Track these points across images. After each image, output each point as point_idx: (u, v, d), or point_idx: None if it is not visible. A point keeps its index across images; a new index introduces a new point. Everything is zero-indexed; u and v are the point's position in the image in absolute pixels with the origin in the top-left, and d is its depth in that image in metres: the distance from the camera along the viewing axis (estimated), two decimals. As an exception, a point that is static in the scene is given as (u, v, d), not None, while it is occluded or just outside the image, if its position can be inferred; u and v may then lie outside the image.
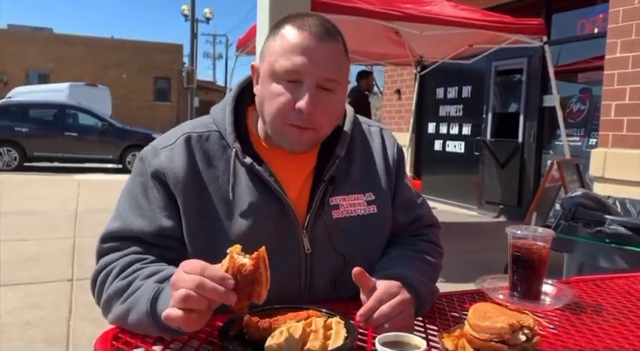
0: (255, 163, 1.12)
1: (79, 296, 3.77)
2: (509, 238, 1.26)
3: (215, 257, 0.91)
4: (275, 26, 1.14)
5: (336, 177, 1.18)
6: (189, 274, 0.86)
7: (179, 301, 0.84)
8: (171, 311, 0.85)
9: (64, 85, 17.49)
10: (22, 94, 16.21)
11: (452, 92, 8.66)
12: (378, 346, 0.84)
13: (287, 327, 0.90)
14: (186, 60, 29.71)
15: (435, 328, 1.07)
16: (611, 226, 2.20)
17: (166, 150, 1.13)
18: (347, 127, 1.24)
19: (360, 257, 1.15)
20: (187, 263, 0.89)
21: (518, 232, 1.25)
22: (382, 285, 1.01)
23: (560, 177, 4.47)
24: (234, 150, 1.12)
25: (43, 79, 24.47)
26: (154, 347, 0.94)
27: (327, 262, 1.16)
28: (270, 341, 0.90)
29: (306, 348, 0.86)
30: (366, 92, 7.52)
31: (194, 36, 13.92)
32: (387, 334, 0.88)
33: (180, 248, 1.09)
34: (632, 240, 2.18)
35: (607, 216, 2.31)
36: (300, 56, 1.05)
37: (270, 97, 1.08)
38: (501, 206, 7.67)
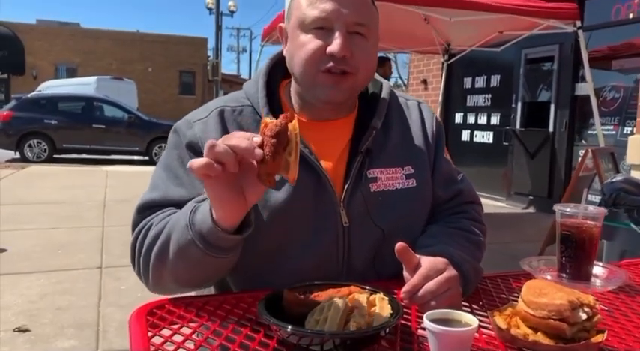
0: None
1: (108, 283, 3.79)
2: (557, 216, 1.19)
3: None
4: None
5: (372, 149, 1.14)
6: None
7: (206, 150, 0.81)
8: (194, 160, 0.82)
9: (92, 79, 17.74)
10: (51, 87, 16.47)
11: (480, 81, 8.50)
12: (426, 322, 0.79)
13: (329, 303, 0.86)
14: (210, 53, 29.90)
15: (481, 309, 1.01)
16: (655, 212, 2.11)
17: (200, 123, 1.11)
18: (384, 96, 1.19)
19: (399, 232, 1.10)
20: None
21: (568, 210, 1.19)
22: (428, 261, 0.96)
23: (595, 166, 4.35)
24: None
25: (71, 72, 24.88)
26: (191, 324, 0.91)
27: (365, 237, 1.12)
28: (310, 317, 0.86)
29: (349, 324, 0.81)
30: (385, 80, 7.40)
31: (218, 29, 13.94)
32: (435, 310, 0.83)
33: None
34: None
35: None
36: (328, 2, 1.03)
37: (300, 48, 1.05)
38: (531, 197, 7.51)
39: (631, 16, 6.05)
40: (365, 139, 1.13)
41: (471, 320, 0.80)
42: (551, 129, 7.11)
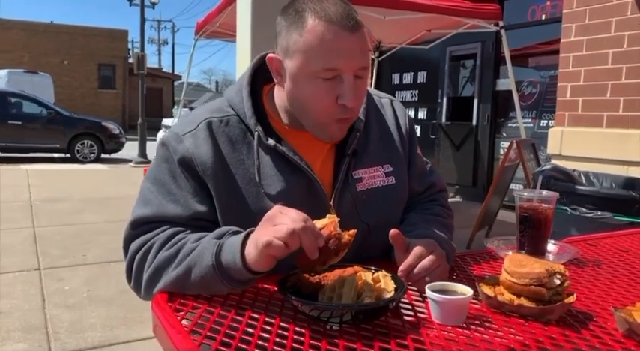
0: (278, 144, 1.14)
1: (51, 284, 3.68)
2: (516, 199, 1.35)
3: None
4: (290, 11, 1.09)
5: (358, 150, 1.23)
6: (291, 214, 0.91)
7: (285, 234, 0.88)
8: (273, 240, 0.89)
9: (3, 72, 16.73)
10: (-42, 81, 15.34)
11: (408, 78, 8.84)
12: (429, 292, 0.92)
13: (340, 281, 0.96)
14: (130, 46, 28.84)
15: (458, 281, 1.15)
16: (581, 197, 2.37)
17: (189, 136, 1.13)
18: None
19: (382, 225, 1.21)
20: (287, 208, 0.94)
21: (525, 194, 1.35)
22: (419, 242, 1.08)
23: (518, 156, 4.69)
24: (256, 133, 1.14)
25: (-22, 65, 23.19)
26: (209, 307, 0.98)
27: None
28: (322, 295, 0.96)
29: (361, 298, 0.92)
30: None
31: (143, 21, 13.53)
32: (435, 283, 0.95)
33: (213, 229, 1.09)
34: (602, 208, 2.35)
35: (578, 187, 2.48)
36: (337, 55, 1.04)
37: (310, 98, 1.08)
38: (457, 187, 7.94)
39: (543, 17, 6.52)
40: (351, 141, 1.21)
41: (466, 290, 0.94)
42: (474, 122, 7.54)
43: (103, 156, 12.80)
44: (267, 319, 0.92)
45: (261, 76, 1.23)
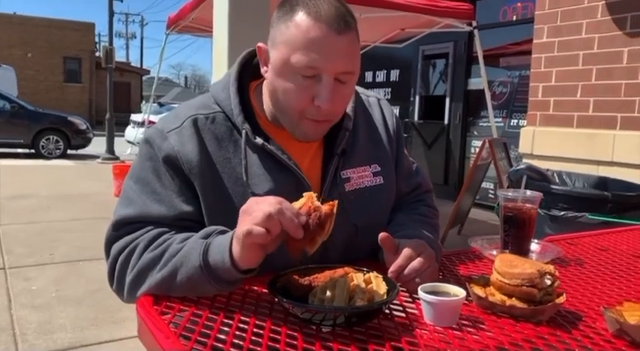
0: (265, 143, 1.12)
1: (17, 284, 3.57)
2: (500, 199, 1.36)
3: None
4: (285, 4, 1.07)
5: (346, 150, 1.21)
6: (266, 200, 0.90)
7: (262, 219, 0.86)
8: (253, 227, 0.87)
9: (-37, 64, 16.13)
10: None
11: (380, 76, 8.88)
12: (422, 294, 0.91)
13: (332, 283, 0.94)
14: (97, 39, 28.24)
15: (444, 280, 1.15)
16: (556, 196, 2.40)
17: (174, 133, 1.10)
18: (351, 99, 1.27)
19: (370, 225, 1.20)
20: (262, 197, 0.93)
21: (510, 194, 1.36)
22: (409, 244, 1.07)
23: (491, 154, 4.76)
24: (244, 131, 1.12)
25: (-64, 57, 22.36)
26: (196, 311, 0.95)
27: (341, 233, 1.18)
28: (313, 297, 0.94)
29: (354, 301, 0.90)
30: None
31: (111, 14, 13.23)
32: (427, 284, 0.94)
33: (199, 229, 1.06)
34: (576, 208, 2.40)
35: (553, 186, 2.52)
36: (319, 53, 1.01)
37: (286, 92, 1.06)
38: (429, 185, 8.00)
39: (514, 17, 6.63)
40: (340, 140, 1.19)
41: (458, 291, 0.93)
42: (446, 121, 7.62)
43: (69, 152, 12.50)
44: (257, 321, 0.89)
45: (248, 72, 1.21)
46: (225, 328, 0.86)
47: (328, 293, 0.93)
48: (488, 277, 1.03)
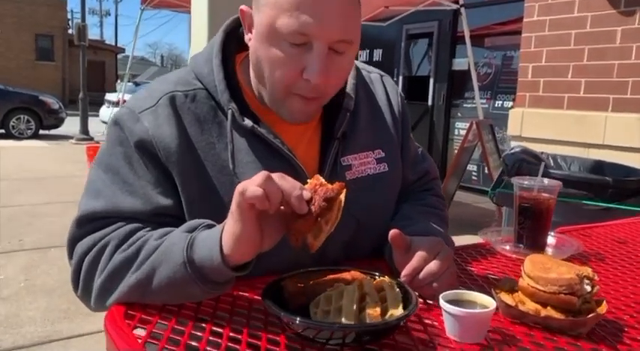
0: (255, 125, 0.96)
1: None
2: (515, 188, 1.23)
3: None
4: None
5: (347, 133, 1.06)
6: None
7: (260, 180, 0.73)
8: (248, 186, 0.73)
9: None
10: None
11: (363, 55, 8.69)
12: (445, 305, 0.77)
13: (337, 291, 0.80)
14: (70, 16, 27.42)
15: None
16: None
17: (148, 114, 0.94)
18: (352, 73, 1.12)
19: (373, 218, 1.07)
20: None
21: (525, 182, 1.23)
22: (423, 242, 0.93)
23: (478, 136, 4.65)
24: (229, 111, 0.96)
25: None
26: (178, 326, 0.80)
27: (340, 227, 1.05)
28: (315, 308, 0.80)
29: (364, 313, 0.76)
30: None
31: (84, -11, 12.74)
32: (448, 292, 0.81)
33: (179, 225, 0.90)
34: (574, 193, 2.29)
35: (551, 170, 2.41)
36: (310, 15, 0.85)
37: (271, 62, 0.90)
38: (411, 167, 7.91)
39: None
40: (339, 123, 1.04)
41: (486, 300, 0.80)
42: (430, 102, 7.50)
43: (41, 132, 12.12)
44: (250, 339, 0.75)
45: (234, 43, 1.04)
46: (213, 350, 0.72)
47: (334, 304, 0.78)
48: (513, 281, 0.90)
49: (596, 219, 2.04)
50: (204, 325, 0.79)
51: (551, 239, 1.27)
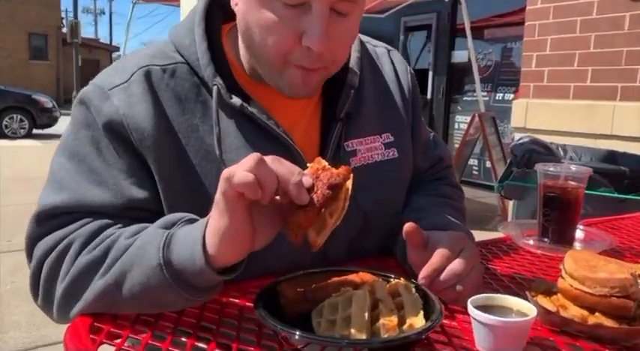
0: (245, 104, 0.83)
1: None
2: (539, 176, 1.10)
3: None
4: None
5: (352, 114, 0.93)
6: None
7: (250, 163, 0.61)
8: (236, 171, 0.61)
9: None
10: None
11: (360, 49, 8.56)
12: (477, 313, 0.64)
13: (344, 297, 0.67)
14: (64, 15, 27.24)
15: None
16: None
17: (119, 91, 0.81)
18: (355, 47, 0.98)
19: (381, 212, 0.94)
20: None
21: (551, 169, 1.10)
22: (443, 238, 0.80)
23: (480, 129, 4.52)
24: (215, 88, 0.82)
25: None
26: (153, 342, 0.66)
27: (345, 221, 0.91)
28: (318, 317, 0.67)
29: (379, 324, 0.63)
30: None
31: (76, -14, 12.60)
32: (478, 296, 0.68)
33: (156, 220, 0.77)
34: (591, 184, 2.16)
35: (565, 161, 2.29)
36: None
37: (263, 27, 0.77)
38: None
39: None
40: (343, 101, 0.90)
41: (523, 306, 0.66)
42: (429, 96, 7.37)
43: (34, 131, 11.96)
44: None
45: (220, 12, 0.90)
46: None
47: (340, 313, 0.65)
48: (550, 283, 0.77)
49: (612, 210, 1.91)
50: (185, 339, 0.66)
51: (579, 233, 1.14)
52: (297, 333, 0.59)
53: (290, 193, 0.62)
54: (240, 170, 0.60)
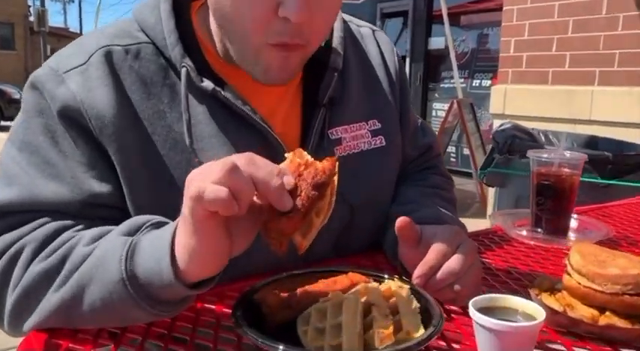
0: (218, 88, 0.75)
1: None
2: (532, 163, 1.05)
3: None
4: None
5: (335, 98, 0.85)
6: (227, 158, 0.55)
7: (221, 172, 0.52)
8: (206, 185, 0.52)
9: None
10: None
11: (336, 36, 8.48)
12: (476, 315, 0.57)
13: (334, 302, 0.60)
14: (31, 3, 26.45)
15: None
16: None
17: (76, 73, 0.73)
18: (338, 26, 0.90)
19: (369, 206, 0.87)
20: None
21: (544, 156, 1.05)
22: (438, 232, 0.73)
23: (459, 115, 4.49)
24: (183, 70, 0.74)
25: None
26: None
27: (330, 217, 0.84)
28: (304, 325, 0.60)
29: (372, 332, 0.56)
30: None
31: (42, -28, 12.21)
32: (479, 297, 0.61)
33: (121, 219, 0.69)
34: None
35: (548, 147, 2.26)
36: None
37: (238, 2, 0.69)
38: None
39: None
40: (325, 85, 0.83)
41: (531, 308, 0.60)
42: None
43: (2, 123, 11.66)
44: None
45: None
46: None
47: (329, 320, 0.58)
48: (554, 280, 0.71)
49: (596, 196, 1.87)
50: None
51: (573, 222, 1.09)
52: (281, 347, 0.52)
53: (271, 200, 0.54)
54: (210, 184, 0.52)
